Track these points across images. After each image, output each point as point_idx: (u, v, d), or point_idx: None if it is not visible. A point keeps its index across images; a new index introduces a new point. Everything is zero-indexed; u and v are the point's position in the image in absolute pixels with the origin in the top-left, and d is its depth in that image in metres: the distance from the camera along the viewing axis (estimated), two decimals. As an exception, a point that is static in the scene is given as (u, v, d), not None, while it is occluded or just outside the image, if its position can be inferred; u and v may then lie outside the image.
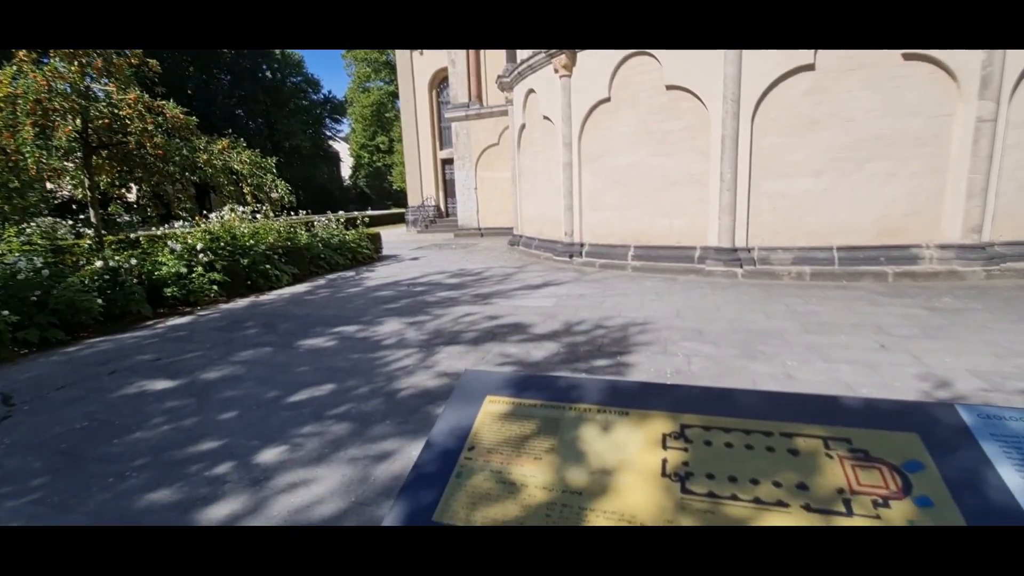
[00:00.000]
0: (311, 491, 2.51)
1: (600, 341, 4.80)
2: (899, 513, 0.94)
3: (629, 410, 1.28)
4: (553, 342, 4.84)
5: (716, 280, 7.75)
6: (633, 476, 1.10)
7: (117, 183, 9.12)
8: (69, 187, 9.29)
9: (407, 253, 14.00)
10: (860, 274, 7.08)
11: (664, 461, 1.12)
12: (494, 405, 1.38)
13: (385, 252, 13.78)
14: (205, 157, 8.67)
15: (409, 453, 2.80)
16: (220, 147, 9.01)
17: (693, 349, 4.42)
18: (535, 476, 1.14)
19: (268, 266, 8.71)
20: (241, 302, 7.76)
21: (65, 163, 8.36)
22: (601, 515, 1.04)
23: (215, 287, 7.63)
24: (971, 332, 4.51)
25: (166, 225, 10.05)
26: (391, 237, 19.25)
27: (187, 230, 8.99)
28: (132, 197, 12.99)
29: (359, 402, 3.59)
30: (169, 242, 7.84)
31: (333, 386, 3.93)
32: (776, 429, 1.15)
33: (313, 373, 4.26)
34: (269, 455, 2.88)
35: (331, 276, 10.24)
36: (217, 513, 2.36)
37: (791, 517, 0.97)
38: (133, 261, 6.96)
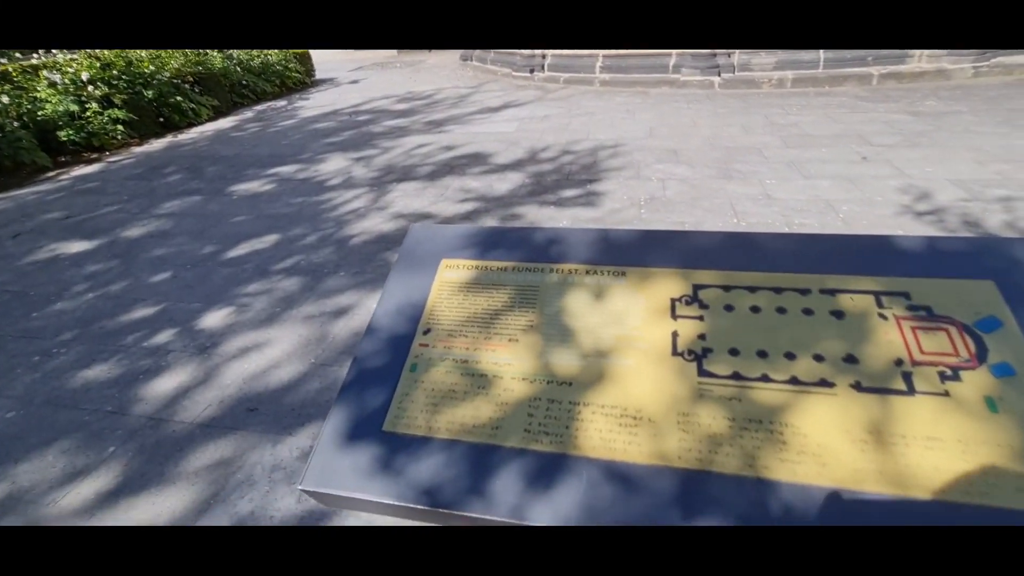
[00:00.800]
0: (265, 355, 2.31)
1: (568, 168, 4.40)
2: (973, 387, 0.74)
3: (626, 268, 0.99)
4: (517, 172, 4.41)
5: (691, 92, 7.10)
6: (636, 357, 0.86)
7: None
8: None
9: (344, 75, 12.27)
10: (844, 77, 6.54)
11: (674, 335, 0.88)
12: (452, 271, 1.07)
13: (319, 76, 12.01)
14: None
15: (368, 306, 2.59)
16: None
17: (668, 172, 4.10)
18: (511, 364, 0.89)
19: (180, 98, 7.41)
20: (157, 143, 6.75)
21: None
22: (598, 411, 0.81)
23: (120, 127, 6.50)
24: (953, 137, 4.30)
25: (39, 53, 8.17)
26: (324, 56, 16.71)
27: (69, 57, 7.36)
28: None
29: (308, 253, 3.25)
30: (46, 72, 6.40)
31: (276, 236, 3.54)
32: (814, 285, 0.90)
33: (252, 223, 3.81)
34: (213, 319, 2.63)
35: (259, 107, 8.94)
36: (164, 386, 2.17)
37: (837, 400, 0.76)
38: (5, 99, 5.71)
